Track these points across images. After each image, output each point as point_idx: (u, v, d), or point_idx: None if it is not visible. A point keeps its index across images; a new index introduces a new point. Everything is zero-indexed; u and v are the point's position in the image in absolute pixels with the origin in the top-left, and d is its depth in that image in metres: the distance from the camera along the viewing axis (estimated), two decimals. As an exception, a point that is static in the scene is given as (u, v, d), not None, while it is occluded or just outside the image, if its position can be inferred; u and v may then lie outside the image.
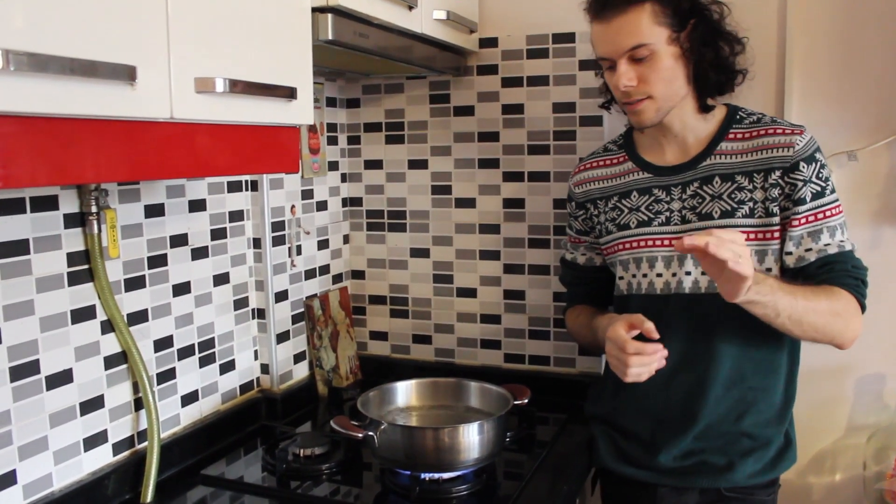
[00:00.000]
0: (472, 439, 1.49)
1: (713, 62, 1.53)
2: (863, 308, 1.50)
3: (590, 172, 1.72)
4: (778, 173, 1.51)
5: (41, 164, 0.89)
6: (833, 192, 1.52)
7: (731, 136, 1.57)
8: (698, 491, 1.59)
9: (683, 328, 1.56)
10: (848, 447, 1.87)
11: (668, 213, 1.60)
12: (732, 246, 1.25)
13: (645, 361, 1.43)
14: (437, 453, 1.50)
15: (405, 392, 1.77)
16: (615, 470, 1.66)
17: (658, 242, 1.60)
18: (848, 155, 1.79)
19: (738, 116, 1.59)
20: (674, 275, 1.58)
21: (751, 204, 1.53)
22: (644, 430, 1.62)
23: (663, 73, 1.48)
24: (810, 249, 1.51)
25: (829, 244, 1.50)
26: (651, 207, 1.62)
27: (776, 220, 1.52)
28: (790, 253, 1.52)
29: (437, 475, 1.52)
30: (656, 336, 1.43)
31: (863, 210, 1.79)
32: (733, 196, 1.54)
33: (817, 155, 1.51)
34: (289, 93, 1.25)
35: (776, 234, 1.52)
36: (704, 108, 1.57)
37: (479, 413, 1.69)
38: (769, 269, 1.53)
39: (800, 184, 1.49)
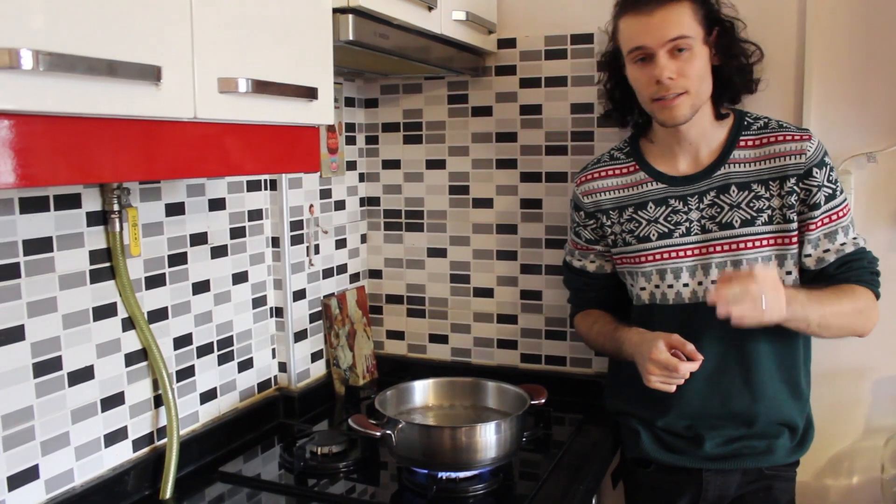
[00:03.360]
0: (489, 439, 1.50)
1: (737, 68, 1.60)
2: (878, 296, 1.58)
3: (599, 182, 1.72)
4: (793, 180, 1.55)
5: (63, 163, 0.90)
6: (842, 191, 1.57)
7: (742, 143, 1.60)
8: (741, 472, 1.64)
9: (716, 335, 1.58)
10: (866, 449, 1.86)
11: (687, 224, 1.62)
12: (753, 288, 1.37)
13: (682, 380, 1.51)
14: (454, 452, 1.50)
15: (422, 391, 1.77)
16: (657, 458, 1.68)
17: (682, 253, 1.62)
18: (867, 156, 1.78)
19: (745, 122, 1.62)
20: (700, 283, 1.61)
21: (769, 212, 1.57)
22: (683, 427, 1.65)
23: (699, 69, 1.52)
24: (828, 250, 1.56)
25: (844, 243, 1.56)
26: (669, 219, 1.63)
27: (794, 225, 1.56)
28: (809, 255, 1.57)
29: (453, 474, 1.52)
30: (700, 358, 1.49)
31: (882, 211, 1.79)
32: (752, 205, 1.57)
33: (826, 159, 1.56)
34: (310, 93, 1.26)
35: (794, 239, 1.57)
36: (719, 116, 1.61)
37: (495, 413, 1.70)
38: (789, 273, 1.58)
39: (814, 189, 1.54)
